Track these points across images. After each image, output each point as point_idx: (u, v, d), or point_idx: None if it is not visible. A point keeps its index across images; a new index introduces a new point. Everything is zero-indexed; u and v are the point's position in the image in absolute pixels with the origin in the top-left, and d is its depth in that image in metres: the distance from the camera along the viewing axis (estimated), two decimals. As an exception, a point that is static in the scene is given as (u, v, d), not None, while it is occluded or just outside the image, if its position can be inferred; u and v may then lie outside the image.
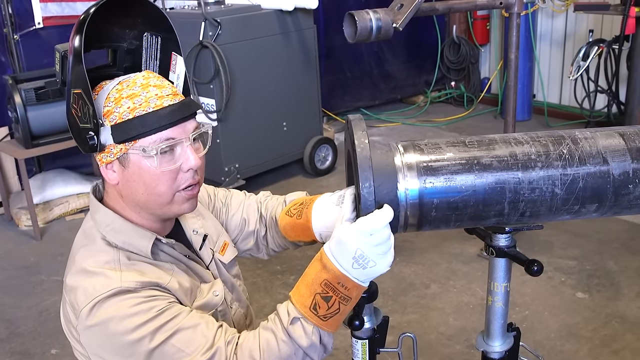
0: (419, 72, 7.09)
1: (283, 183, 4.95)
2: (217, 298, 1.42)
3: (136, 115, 1.22)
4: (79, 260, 1.29)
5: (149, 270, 1.29)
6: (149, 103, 1.23)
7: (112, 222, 1.32)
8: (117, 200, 1.34)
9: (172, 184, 1.28)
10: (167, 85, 1.28)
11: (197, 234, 1.49)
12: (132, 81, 1.26)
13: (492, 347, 1.49)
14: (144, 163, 1.25)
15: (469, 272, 3.52)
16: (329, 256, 1.16)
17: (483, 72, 7.05)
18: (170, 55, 1.36)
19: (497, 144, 1.24)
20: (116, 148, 1.24)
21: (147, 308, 1.21)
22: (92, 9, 1.24)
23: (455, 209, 1.21)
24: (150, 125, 1.22)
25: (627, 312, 3.05)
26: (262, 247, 1.65)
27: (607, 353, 2.76)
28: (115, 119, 1.23)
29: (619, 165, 1.23)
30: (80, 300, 1.23)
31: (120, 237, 1.31)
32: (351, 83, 6.52)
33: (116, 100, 1.24)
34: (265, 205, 1.64)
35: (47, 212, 4.51)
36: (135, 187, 1.28)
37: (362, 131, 1.19)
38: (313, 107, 5.06)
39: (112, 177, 1.29)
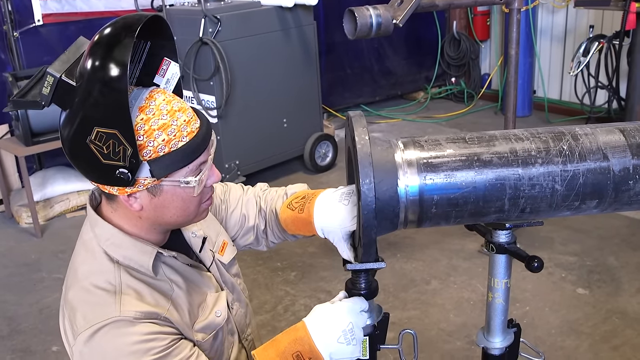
0: (419, 68, 7.08)
1: (283, 180, 4.95)
2: (219, 319, 1.41)
3: (172, 149, 1.18)
4: (82, 277, 1.28)
5: (147, 295, 1.27)
6: (181, 132, 1.20)
7: (112, 236, 1.29)
8: (126, 218, 1.29)
9: (200, 201, 1.30)
10: (186, 106, 1.25)
11: (196, 237, 1.48)
12: (156, 108, 1.19)
13: (492, 343, 1.48)
14: (178, 191, 1.23)
15: (470, 268, 3.52)
16: (310, 330, 1.22)
17: (483, 68, 7.04)
18: (162, 60, 1.31)
19: (497, 140, 1.24)
20: (148, 180, 1.19)
21: (145, 349, 1.21)
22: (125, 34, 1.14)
23: (455, 206, 1.21)
24: (190, 157, 1.21)
25: (628, 308, 3.05)
26: (262, 240, 1.64)
27: (608, 349, 2.76)
28: (150, 153, 1.17)
29: (619, 161, 1.22)
30: (79, 323, 1.23)
31: (121, 252, 1.28)
32: (351, 79, 6.51)
33: (147, 133, 1.16)
34: (265, 198, 1.63)
35: (47, 210, 4.51)
36: (165, 212, 1.26)
37: (362, 127, 1.19)
38: (313, 104, 5.05)
39: (136, 204, 1.24)
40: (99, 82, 1.10)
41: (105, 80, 1.10)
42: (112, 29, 1.16)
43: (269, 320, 3.08)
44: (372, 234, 1.19)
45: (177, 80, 1.34)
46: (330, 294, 3.25)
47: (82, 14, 4.80)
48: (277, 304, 3.26)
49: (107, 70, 1.10)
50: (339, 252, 1.38)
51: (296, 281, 3.46)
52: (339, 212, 1.35)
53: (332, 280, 3.40)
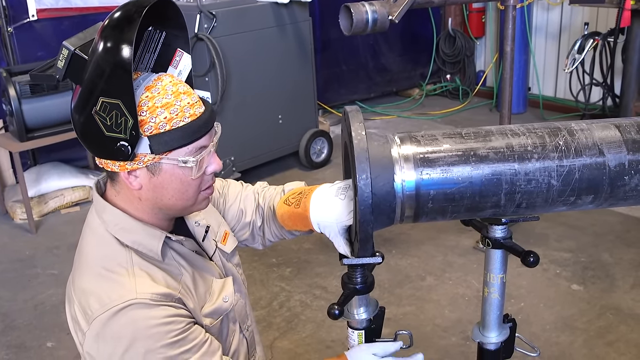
0: (414, 65, 7.08)
1: (279, 176, 4.95)
2: (227, 304, 1.43)
3: (174, 127, 1.21)
4: (93, 263, 1.29)
5: (159, 277, 1.29)
6: (184, 113, 1.22)
7: (121, 221, 1.30)
8: (129, 201, 1.31)
9: (199, 187, 1.31)
10: (192, 92, 1.27)
11: (199, 226, 1.49)
12: (162, 88, 1.22)
13: (488, 338, 1.49)
14: (177, 171, 1.25)
15: (465, 264, 3.53)
16: None
17: (478, 65, 7.05)
18: (175, 51, 1.35)
19: (494, 135, 1.24)
20: (148, 157, 1.22)
21: (164, 332, 1.22)
22: (135, 15, 1.17)
23: (451, 200, 1.21)
24: (190, 136, 1.23)
25: (622, 304, 3.07)
26: (258, 237, 1.65)
27: (602, 344, 2.77)
28: (151, 129, 1.20)
29: (614, 156, 1.23)
30: (93, 307, 1.23)
31: (130, 237, 1.30)
32: (347, 76, 6.51)
33: (150, 109, 1.20)
34: (263, 195, 1.64)
35: (42, 206, 4.50)
36: (163, 192, 1.27)
37: (359, 123, 1.19)
38: (309, 100, 5.05)
39: (135, 182, 1.26)
40: (105, 53, 1.15)
41: (110, 51, 1.14)
42: (124, 8, 1.20)
43: (265, 316, 3.08)
44: (369, 229, 1.19)
45: (189, 72, 1.36)
46: (325, 290, 3.26)
47: (76, 9, 4.79)
48: (272, 300, 3.26)
49: (113, 41, 1.15)
50: (335, 246, 1.38)
51: (291, 277, 3.47)
52: (335, 206, 1.36)
53: (327, 276, 3.40)
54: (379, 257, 1.28)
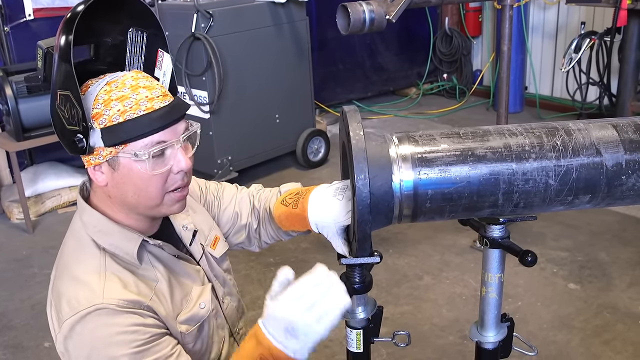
0: (411, 64, 7.09)
1: (276, 175, 4.95)
2: (203, 311, 1.41)
3: (127, 119, 1.20)
4: (70, 265, 1.29)
5: (131, 282, 1.28)
6: (139, 106, 1.21)
7: (99, 223, 1.30)
8: (104, 201, 1.32)
9: (162, 186, 1.28)
10: (156, 86, 1.26)
11: (187, 230, 1.48)
12: (120, 82, 1.23)
13: (486, 337, 1.49)
14: (134, 166, 1.24)
15: (462, 263, 3.53)
16: (263, 330, 1.18)
17: (475, 64, 7.06)
18: (157, 52, 1.33)
19: (491, 135, 1.24)
20: (105, 151, 1.22)
21: (127, 341, 1.21)
22: (80, 7, 1.20)
23: (449, 200, 1.21)
24: (142, 129, 1.21)
25: (619, 303, 3.07)
26: (254, 240, 1.64)
27: (599, 343, 2.78)
28: (104, 121, 1.20)
29: (612, 156, 1.23)
30: (64, 310, 1.24)
31: (107, 240, 1.30)
32: (343, 75, 6.51)
33: (105, 102, 1.21)
34: (258, 198, 1.63)
35: (39, 205, 4.49)
36: (125, 189, 1.27)
37: (357, 123, 1.19)
38: (306, 99, 5.05)
39: (101, 178, 1.27)
40: (55, 47, 1.18)
41: (58, 44, 1.17)
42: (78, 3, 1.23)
43: (262, 315, 3.07)
44: (367, 229, 1.19)
45: (171, 71, 1.35)
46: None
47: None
48: (269, 300, 3.25)
49: (60, 34, 1.18)
50: (333, 246, 1.38)
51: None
52: (333, 207, 1.36)
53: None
54: (377, 257, 1.28)
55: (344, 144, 1.32)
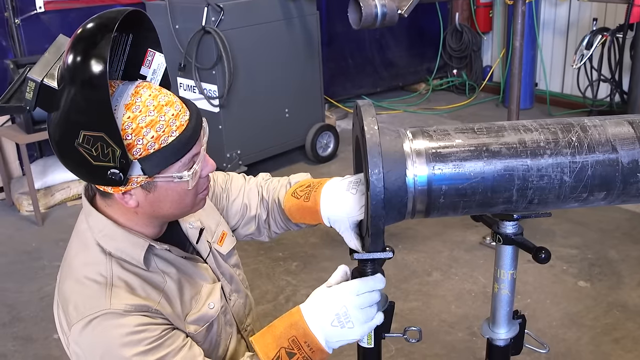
0: (420, 59, 7.06)
1: (285, 170, 4.94)
2: (212, 311, 1.41)
3: (162, 145, 1.17)
4: (76, 268, 1.28)
5: (138, 288, 1.27)
6: (170, 127, 1.18)
7: (105, 227, 1.28)
8: (122, 213, 1.29)
9: (196, 193, 1.29)
10: (174, 99, 1.22)
11: (193, 228, 1.47)
12: (142, 105, 1.16)
13: (497, 334, 1.48)
14: (173, 185, 1.23)
15: (471, 260, 3.52)
16: (305, 314, 1.21)
17: (485, 60, 7.03)
18: (146, 52, 1.29)
19: (506, 130, 1.23)
20: (141, 177, 1.18)
21: (138, 340, 1.21)
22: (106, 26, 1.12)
23: (463, 196, 1.20)
24: (181, 152, 1.19)
25: (629, 301, 3.06)
26: (264, 230, 1.63)
27: (609, 341, 2.77)
28: (139, 151, 1.15)
29: (627, 153, 1.22)
30: (71, 315, 1.23)
31: (113, 244, 1.28)
32: (353, 70, 6.50)
33: (135, 131, 1.14)
34: (267, 188, 1.62)
35: (48, 198, 4.50)
36: (161, 206, 1.25)
37: (371, 117, 1.18)
38: (315, 94, 5.04)
39: (132, 201, 1.23)
40: (80, 83, 1.09)
41: (85, 81, 1.09)
42: (90, 28, 1.14)
43: (271, 310, 3.08)
44: (380, 224, 1.19)
45: (163, 70, 1.32)
46: (331, 285, 3.24)
47: (83, 1, 4.78)
48: (278, 294, 3.26)
49: (87, 71, 1.08)
50: (346, 241, 1.37)
51: (297, 271, 3.47)
52: (346, 201, 1.35)
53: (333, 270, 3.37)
54: (389, 252, 1.28)
55: (357, 138, 1.31)
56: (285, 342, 1.21)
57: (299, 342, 1.20)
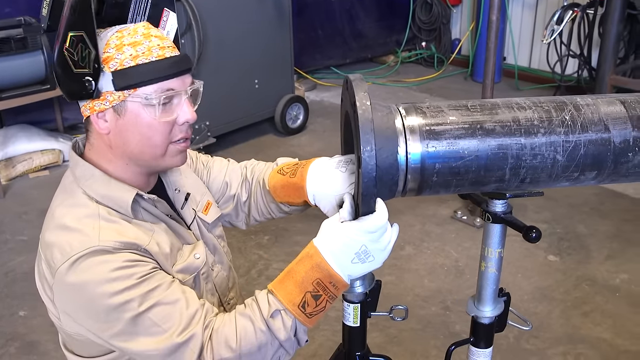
0: (390, 31, 7.01)
1: (254, 142, 4.88)
2: (199, 261, 1.38)
3: (139, 63, 1.19)
4: (59, 216, 1.24)
5: (128, 229, 1.24)
6: (151, 52, 1.20)
7: (93, 176, 1.27)
8: (102, 153, 1.28)
9: (167, 136, 1.26)
10: (168, 40, 1.26)
11: (179, 192, 1.44)
12: (132, 30, 1.22)
13: (483, 312, 1.49)
14: (142, 112, 1.22)
15: (443, 234, 3.54)
16: (325, 254, 1.17)
17: (454, 33, 7.02)
18: (162, 10, 1.30)
19: (500, 108, 1.22)
20: (113, 95, 1.20)
21: (128, 274, 1.17)
22: None
23: (456, 174, 1.18)
24: (154, 73, 1.20)
25: (597, 275, 3.11)
26: (242, 214, 1.60)
27: (578, 315, 2.81)
28: (116, 65, 1.19)
29: (620, 132, 1.22)
30: (56, 258, 1.19)
31: (101, 191, 1.26)
32: (322, 41, 6.42)
33: (117, 46, 1.19)
34: (251, 169, 1.59)
35: (9, 169, 4.36)
36: (129, 137, 1.24)
37: (363, 92, 1.14)
38: (285, 65, 4.96)
39: (104, 126, 1.23)
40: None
41: None
42: None
43: (243, 284, 3.05)
44: (372, 203, 1.16)
45: (175, 31, 1.31)
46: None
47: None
48: (250, 268, 3.23)
49: None
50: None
51: (269, 245, 3.43)
52: (334, 178, 1.32)
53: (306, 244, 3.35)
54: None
55: (347, 114, 1.28)
56: (309, 286, 1.17)
57: (324, 283, 1.17)
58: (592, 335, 2.65)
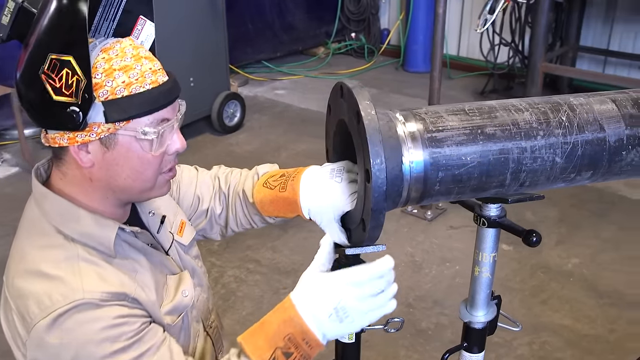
0: (319, 23, 6.97)
1: (190, 142, 4.72)
2: (187, 299, 1.29)
3: (133, 92, 1.06)
4: (32, 260, 1.11)
5: (110, 274, 1.12)
6: (144, 78, 1.08)
7: (66, 211, 1.13)
8: (78, 185, 1.15)
9: (158, 168, 1.15)
10: (155, 58, 1.13)
11: (154, 216, 1.33)
12: (120, 50, 1.08)
13: (476, 317, 1.46)
14: (135, 145, 1.09)
15: (396, 229, 3.52)
16: (299, 307, 1.08)
17: (383, 23, 7.04)
18: (137, 18, 1.17)
19: (498, 111, 1.19)
20: (102, 127, 1.06)
21: (117, 334, 1.07)
22: None
23: (459, 182, 1.15)
24: (150, 104, 1.08)
25: (550, 262, 3.17)
26: (217, 226, 1.50)
27: (537, 303, 2.86)
28: (106, 94, 1.05)
29: (614, 131, 1.21)
30: (33, 312, 1.06)
31: (78, 228, 1.13)
32: (253, 35, 6.31)
33: (106, 72, 1.05)
34: (225, 180, 1.49)
35: None
36: (118, 170, 1.11)
37: (367, 101, 1.08)
38: (220, 62, 4.83)
39: (86, 159, 1.09)
40: (57, 2, 0.99)
41: (63, 1, 0.99)
42: None
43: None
44: (382, 217, 1.10)
45: (151, 42, 1.19)
46: (259, 263, 3.14)
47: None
48: (203, 276, 3.11)
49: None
50: (328, 234, 1.27)
51: (221, 251, 3.32)
52: (331, 190, 1.23)
53: (259, 248, 3.28)
54: (383, 245, 1.20)
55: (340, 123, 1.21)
56: (280, 342, 1.08)
57: (296, 340, 1.08)
58: (553, 323, 2.70)
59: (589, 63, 5.58)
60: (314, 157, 4.29)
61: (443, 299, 2.78)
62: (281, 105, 5.57)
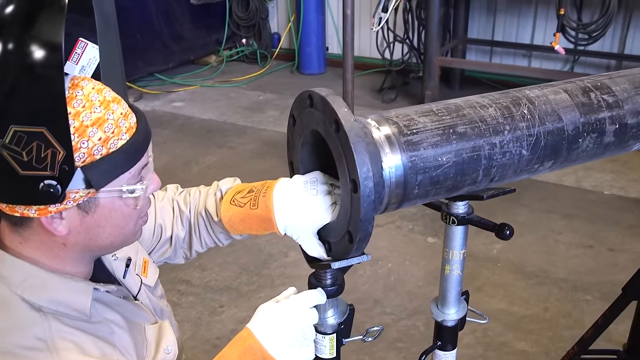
0: (208, 30, 6.86)
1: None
2: (170, 356, 1.19)
3: (111, 150, 0.94)
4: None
5: (90, 344, 1.01)
6: (120, 128, 0.95)
7: (30, 276, 1.00)
8: (45, 250, 1.01)
9: (139, 216, 1.06)
10: (118, 96, 1.00)
11: (117, 260, 1.22)
12: (86, 99, 0.93)
13: (448, 315, 1.47)
14: (118, 204, 0.99)
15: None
16: (258, 336, 1.06)
17: (273, 28, 7.02)
18: (76, 41, 1.05)
19: (464, 109, 1.19)
20: (80, 193, 0.93)
21: None
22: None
23: (436, 183, 1.14)
24: (132, 158, 0.97)
25: (475, 250, 3.25)
26: (181, 251, 1.41)
27: (473, 290, 2.88)
28: (83, 157, 0.91)
29: (571, 120, 1.25)
30: None
31: (46, 296, 1.00)
32: (142, 47, 6.10)
33: (78, 130, 0.90)
34: (184, 201, 1.39)
35: None
36: (99, 232, 1.00)
37: (345, 109, 1.05)
38: (116, 76, 4.61)
39: (61, 227, 0.96)
40: (17, 67, 0.84)
41: (28, 65, 0.84)
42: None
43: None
44: (370, 227, 1.07)
45: (95, 67, 1.07)
46: (190, 284, 3.01)
47: None
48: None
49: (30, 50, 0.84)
50: (305, 249, 1.23)
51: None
52: (308, 204, 1.18)
53: (186, 268, 3.14)
54: (368, 255, 1.17)
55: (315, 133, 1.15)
56: None
57: None
58: (491, 308, 2.77)
59: (476, 54, 5.83)
60: (228, 169, 4.20)
61: (382, 298, 2.79)
62: (182, 117, 5.41)
